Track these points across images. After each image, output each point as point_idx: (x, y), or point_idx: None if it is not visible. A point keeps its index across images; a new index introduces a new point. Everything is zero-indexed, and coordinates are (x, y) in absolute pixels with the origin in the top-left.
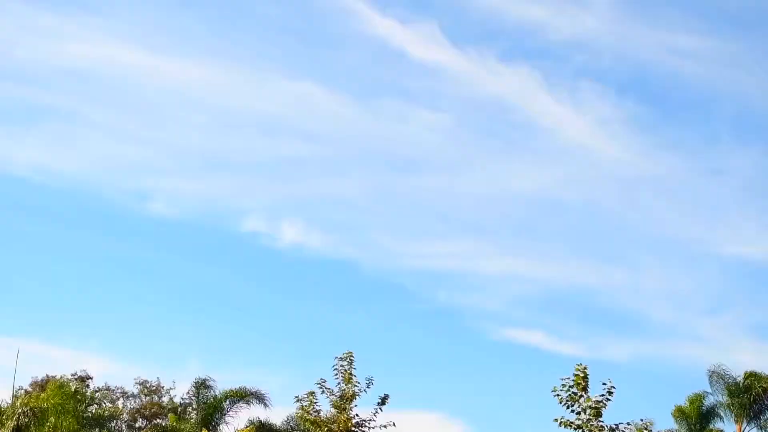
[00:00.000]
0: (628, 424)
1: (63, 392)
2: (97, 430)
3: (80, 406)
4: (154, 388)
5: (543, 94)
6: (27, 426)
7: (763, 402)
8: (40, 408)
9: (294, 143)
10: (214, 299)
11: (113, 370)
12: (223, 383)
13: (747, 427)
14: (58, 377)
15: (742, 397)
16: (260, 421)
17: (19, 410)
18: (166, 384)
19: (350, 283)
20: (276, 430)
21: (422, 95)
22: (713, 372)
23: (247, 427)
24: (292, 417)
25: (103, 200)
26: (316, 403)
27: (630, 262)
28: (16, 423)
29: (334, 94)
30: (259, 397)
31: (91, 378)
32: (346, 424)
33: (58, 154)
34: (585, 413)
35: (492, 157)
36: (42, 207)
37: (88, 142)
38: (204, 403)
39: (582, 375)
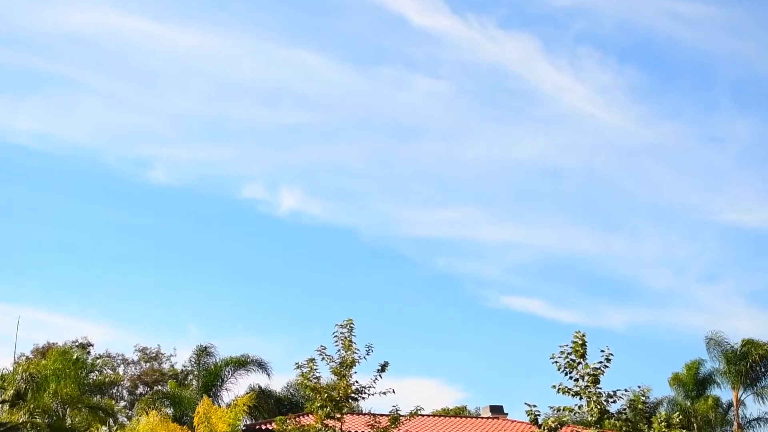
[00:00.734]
0: (626, 390)
1: (65, 359)
2: (98, 396)
3: (81, 372)
4: (154, 355)
5: (543, 61)
6: (27, 392)
7: (760, 369)
8: (41, 374)
9: (293, 110)
10: (213, 266)
11: (113, 337)
12: (222, 350)
13: (743, 394)
14: (60, 344)
15: (739, 364)
16: (260, 388)
17: (19, 376)
18: (166, 351)
19: (349, 250)
20: (276, 396)
21: (422, 62)
22: (710, 339)
23: (247, 393)
24: (292, 384)
25: (103, 168)
26: (316, 369)
27: (629, 230)
28: (16, 389)
29: (333, 61)
30: (261, 365)
31: (92, 345)
32: (346, 390)
33: (58, 122)
34: (583, 380)
35: (492, 124)
36: (41, 175)
37: (88, 109)
38: (205, 370)
39: (580, 342)
